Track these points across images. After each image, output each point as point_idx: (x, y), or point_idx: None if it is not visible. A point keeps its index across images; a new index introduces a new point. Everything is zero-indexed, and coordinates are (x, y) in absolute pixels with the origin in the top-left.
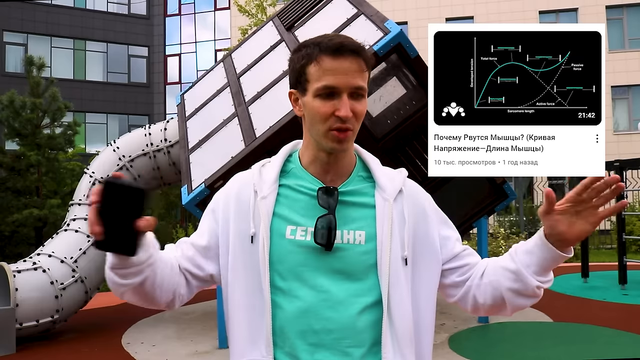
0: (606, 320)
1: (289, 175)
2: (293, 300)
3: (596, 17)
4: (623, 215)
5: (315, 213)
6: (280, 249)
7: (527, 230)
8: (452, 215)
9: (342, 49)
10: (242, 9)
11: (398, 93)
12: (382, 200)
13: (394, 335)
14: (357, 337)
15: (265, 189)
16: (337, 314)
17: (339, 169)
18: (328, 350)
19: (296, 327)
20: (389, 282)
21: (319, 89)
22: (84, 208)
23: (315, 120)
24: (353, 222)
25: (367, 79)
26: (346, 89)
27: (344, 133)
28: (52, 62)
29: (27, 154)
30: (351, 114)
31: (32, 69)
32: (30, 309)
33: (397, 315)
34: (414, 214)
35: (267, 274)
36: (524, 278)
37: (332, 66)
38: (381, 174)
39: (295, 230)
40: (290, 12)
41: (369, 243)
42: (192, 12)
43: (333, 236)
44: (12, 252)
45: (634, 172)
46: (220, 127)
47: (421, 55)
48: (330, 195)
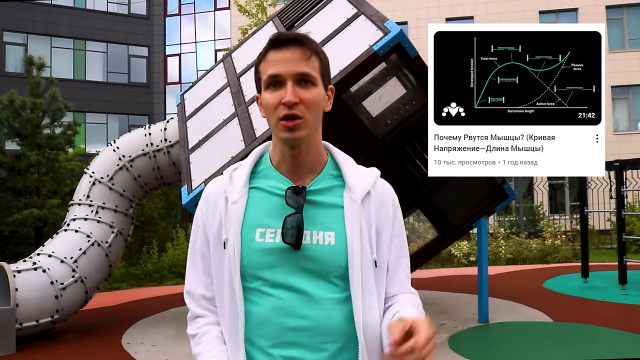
0: (606, 320)
1: (259, 176)
2: (267, 299)
3: (596, 17)
4: (623, 215)
5: (284, 213)
6: (250, 252)
7: (527, 230)
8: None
9: (281, 39)
10: (242, 9)
11: (398, 93)
12: (350, 201)
13: (367, 336)
14: (330, 333)
15: (235, 194)
16: (311, 311)
17: (307, 166)
18: (303, 347)
19: (271, 327)
20: (362, 281)
21: (265, 80)
22: (84, 208)
23: (268, 113)
24: (322, 223)
25: (316, 67)
26: (290, 77)
27: (292, 121)
28: (52, 62)
29: (27, 154)
30: (296, 100)
31: (32, 69)
32: (30, 309)
33: (369, 315)
34: (379, 216)
35: (237, 279)
36: None
37: (275, 57)
38: (351, 173)
39: (264, 232)
40: (290, 12)
41: (339, 244)
42: (192, 12)
43: (301, 236)
44: (12, 252)
45: (634, 172)
46: (220, 127)
47: (421, 55)
48: (298, 195)
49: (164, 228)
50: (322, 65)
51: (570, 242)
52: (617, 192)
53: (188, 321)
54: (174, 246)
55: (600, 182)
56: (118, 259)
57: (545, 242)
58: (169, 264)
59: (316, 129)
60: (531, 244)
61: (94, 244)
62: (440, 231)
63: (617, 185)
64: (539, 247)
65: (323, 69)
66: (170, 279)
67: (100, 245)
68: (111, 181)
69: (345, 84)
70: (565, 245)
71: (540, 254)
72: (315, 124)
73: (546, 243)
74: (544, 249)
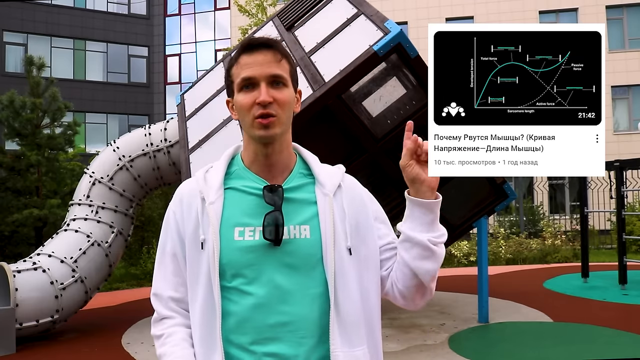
0: (606, 320)
1: (233, 177)
2: (246, 297)
3: (596, 17)
4: (623, 215)
5: (262, 211)
6: (229, 251)
7: (527, 230)
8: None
9: (252, 44)
10: (242, 9)
11: (398, 93)
12: (323, 195)
13: (341, 324)
14: (309, 327)
15: (212, 194)
16: (290, 306)
17: (279, 165)
18: (282, 342)
19: (251, 324)
20: (335, 273)
21: (239, 83)
22: (84, 208)
23: (242, 114)
24: (297, 218)
25: (287, 70)
26: (263, 78)
27: (266, 119)
28: (52, 62)
29: (27, 154)
30: (270, 99)
31: (32, 69)
32: (30, 309)
33: (343, 303)
34: (354, 206)
35: (216, 278)
36: (414, 239)
37: (248, 61)
38: (320, 170)
39: (243, 231)
40: (290, 12)
41: (314, 237)
42: (192, 12)
43: (281, 232)
44: (12, 252)
45: (634, 172)
46: (220, 127)
47: (421, 55)
48: (274, 193)
49: None
50: (291, 68)
51: (570, 242)
52: (617, 192)
53: (152, 323)
54: None
55: (600, 182)
56: (118, 259)
57: (545, 242)
58: None
59: (287, 128)
60: (531, 244)
61: (94, 244)
62: None
63: (617, 185)
64: (539, 247)
65: (292, 71)
66: None
67: (100, 245)
68: (111, 181)
69: (345, 84)
70: (565, 245)
71: (540, 254)
72: (287, 123)
73: (546, 243)
74: (544, 249)
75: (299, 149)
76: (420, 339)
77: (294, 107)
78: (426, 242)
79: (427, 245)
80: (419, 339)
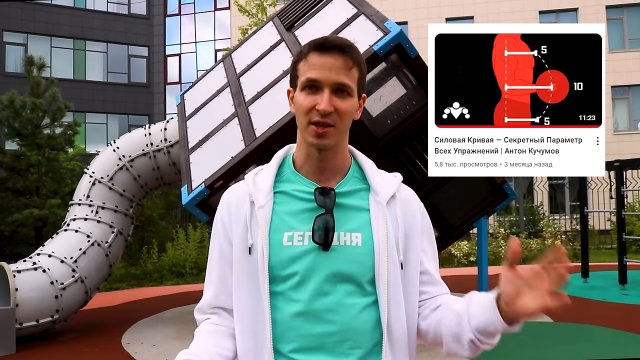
0: (606, 320)
1: (283, 180)
2: (293, 305)
3: (596, 17)
4: (623, 215)
5: (312, 216)
6: (278, 257)
7: (527, 230)
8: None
9: (326, 45)
10: (242, 9)
11: (398, 93)
12: (376, 203)
13: (391, 337)
14: (357, 338)
15: (262, 199)
16: (337, 316)
17: (333, 168)
18: (329, 353)
19: (297, 332)
20: (388, 284)
21: (303, 82)
22: (84, 208)
23: (299, 113)
24: (349, 224)
25: (355, 79)
26: (328, 84)
27: (322, 128)
28: (52, 62)
29: (27, 154)
30: (331, 109)
31: (32, 69)
32: (30, 309)
33: (394, 317)
34: (406, 219)
35: (266, 284)
36: (463, 327)
37: (317, 61)
38: (376, 177)
39: (292, 236)
40: (291, 12)
41: (366, 246)
42: (192, 12)
43: (331, 236)
44: (12, 252)
45: (634, 172)
46: (220, 127)
47: (421, 55)
48: (326, 196)
49: (164, 228)
50: (360, 76)
51: (570, 242)
52: (617, 192)
53: None
54: (174, 246)
55: (600, 182)
56: (118, 259)
57: (545, 242)
58: (169, 264)
59: (344, 136)
60: (531, 244)
61: (94, 244)
62: (441, 231)
63: (617, 185)
64: (539, 247)
65: (361, 79)
66: (170, 279)
67: (100, 245)
68: (111, 181)
69: None
70: (565, 245)
71: (540, 254)
72: (345, 132)
73: (546, 243)
74: (544, 249)
75: (354, 153)
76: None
77: (354, 115)
78: (468, 340)
79: (468, 342)
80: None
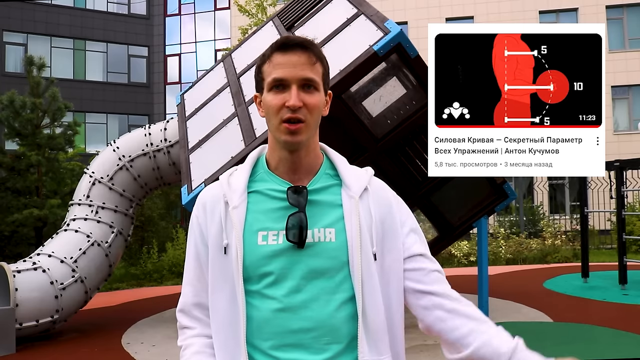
0: (606, 320)
1: (257, 180)
2: (270, 302)
3: (596, 17)
4: (623, 215)
5: (286, 214)
6: (253, 256)
7: (527, 230)
8: (452, 215)
9: (288, 44)
10: (242, 9)
11: (398, 93)
12: (349, 198)
13: (368, 330)
14: (334, 333)
15: (236, 199)
16: (314, 312)
17: (305, 166)
18: (306, 349)
19: (274, 329)
20: (362, 278)
21: (270, 83)
22: (83, 208)
23: (269, 115)
24: (322, 220)
25: (320, 73)
26: (295, 81)
27: (294, 125)
28: (52, 62)
29: (27, 154)
30: (300, 104)
31: (32, 69)
32: (30, 309)
33: (370, 310)
34: (380, 210)
35: (240, 284)
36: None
37: (281, 60)
38: (347, 172)
39: (266, 235)
40: (291, 12)
41: (339, 240)
42: (192, 12)
43: (305, 234)
44: (12, 252)
45: (634, 172)
46: (220, 127)
47: (421, 55)
48: (299, 194)
49: (164, 228)
50: (324, 71)
51: (570, 242)
52: (617, 192)
53: (178, 329)
54: (174, 246)
55: (600, 182)
56: (118, 259)
57: (545, 242)
58: (169, 264)
59: (315, 133)
60: (531, 244)
61: (93, 244)
62: (441, 231)
63: (617, 185)
64: (539, 247)
65: (325, 74)
66: (170, 279)
67: (100, 245)
68: (111, 181)
69: (345, 84)
70: (565, 245)
71: (540, 254)
72: (315, 127)
73: (546, 243)
74: (544, 249)
75: (326, 150)
76: (420, 339)
77: (322, 111)
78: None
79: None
80: (419, 339)
